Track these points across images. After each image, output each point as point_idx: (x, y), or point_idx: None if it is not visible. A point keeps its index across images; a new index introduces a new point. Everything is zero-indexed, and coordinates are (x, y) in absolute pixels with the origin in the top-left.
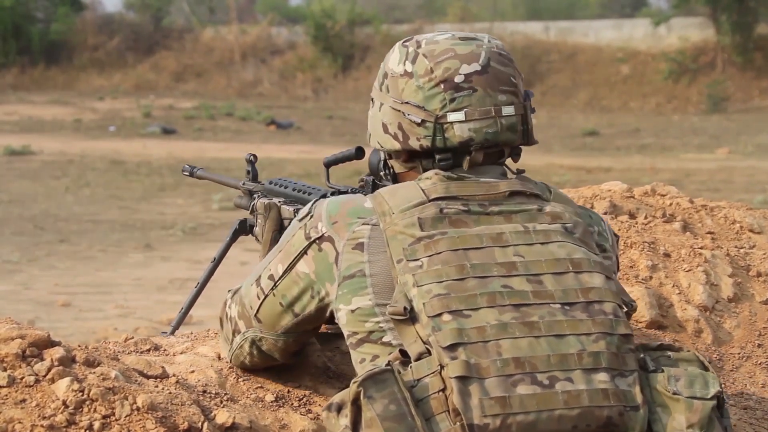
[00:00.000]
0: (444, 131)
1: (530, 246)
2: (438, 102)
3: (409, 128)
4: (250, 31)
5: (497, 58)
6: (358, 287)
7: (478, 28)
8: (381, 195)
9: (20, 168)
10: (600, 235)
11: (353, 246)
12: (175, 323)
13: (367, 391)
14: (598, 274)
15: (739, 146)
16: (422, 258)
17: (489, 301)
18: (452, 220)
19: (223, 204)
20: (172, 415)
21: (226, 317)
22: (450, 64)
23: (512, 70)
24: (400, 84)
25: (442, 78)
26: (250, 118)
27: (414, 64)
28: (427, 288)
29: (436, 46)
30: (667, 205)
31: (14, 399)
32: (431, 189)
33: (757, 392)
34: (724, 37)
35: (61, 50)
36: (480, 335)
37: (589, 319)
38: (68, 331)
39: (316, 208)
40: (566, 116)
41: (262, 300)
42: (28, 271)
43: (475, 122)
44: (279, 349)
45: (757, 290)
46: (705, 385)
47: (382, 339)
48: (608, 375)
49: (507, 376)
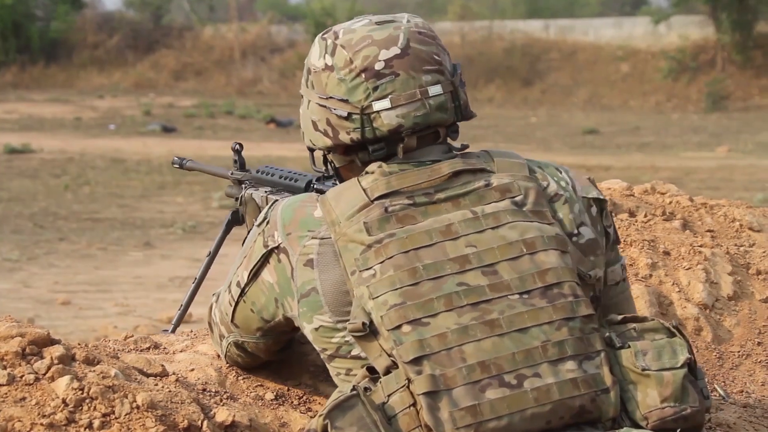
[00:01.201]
0: (372, 121)
1: (481, 233)
2: (361, 92)
3: (337, 123)
4: (249, 29)
5: (417, 37)
6: (315, 306)
7: (478, 27)
8: (328, 201)
9: (20, 166)
10: (559, 185)
11: (304, 263)
12: (175, 321)
13: (334, 422)
14: (554, 251)
15: (738, 144)
16: (374, 266)
17: (446, 303)
18: (399, 217)
19: (223, 202)
20: (172, 414)
21: (213, 321)
22: (368, 51)
23: (435, 47)
24: (322, 78)
25: (362, 67)
26: (250, 117)
27: (333, 57)
28: (382, 299)
29: (353, 35)
30: (666, 204)
31: (14, 397)
32: (373, 187)
33: (756, 390)
34: (723, 35)
35: (61, 48)
36: (442, 343)
37: (549, 306)
38: (68, 330)
39: (271, 214)
40: (566, 114)
41: (234, 307)
42: (28, 269)
43: (401, 107)
44: (261, 350)
45: (756, 288)
46: (673, 354)
47: (351, 353)
48: (575, 362)
49: (474, 382)
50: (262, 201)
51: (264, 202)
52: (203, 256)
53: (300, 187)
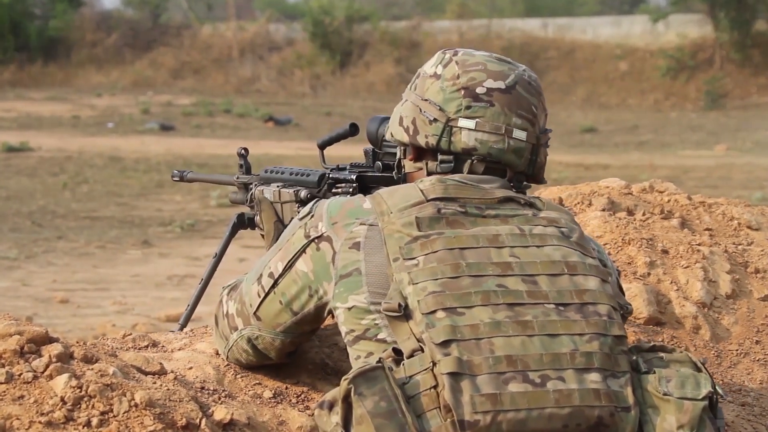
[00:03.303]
0: (451, 134)
1: (526, 248)
2: (454, 106)
3: (421, 124)
4: (248, 27)
5: (525, 85)
6: (354, 286)
7: (476, 25)
8: (380, 195)
9: (18, 165)
10: (600, 253)
11: (350, 245)
12: (182, 320)
13: (358, 388)
14: (593, 277)
15: (737, 143)
16: (418, 256)
17: (483, 299)
18: (449, 220)
19: (221, 200)
20: (170, 412)
21: (222, 314)
22: (477, 75)
23: (536, 100)
24: (426, 83)
25: (464, 85)
26: (248, 115)
27: (444, 68)
28: (422, 285)
29: (470, 57)
30: (665, 202)
31: (12, 395)
32: (430, 189)
33: (755, 389)
34: (722, 33)
35: (59, 47)
36: (473, 333)
37: (582, 320)
38: (66, 328)
39: (317, 208)
40: (564, 113)
41: (262, 298)
42: (27, 268)
43: (483, 134)
44: (275, 348)
45: (755, 287)
46: (696, 386)
47: (377, 336)
48: (600, 375)
49: (499, 373)
50: (274, 195)
51: (277, 195)
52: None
53: (313, 181)
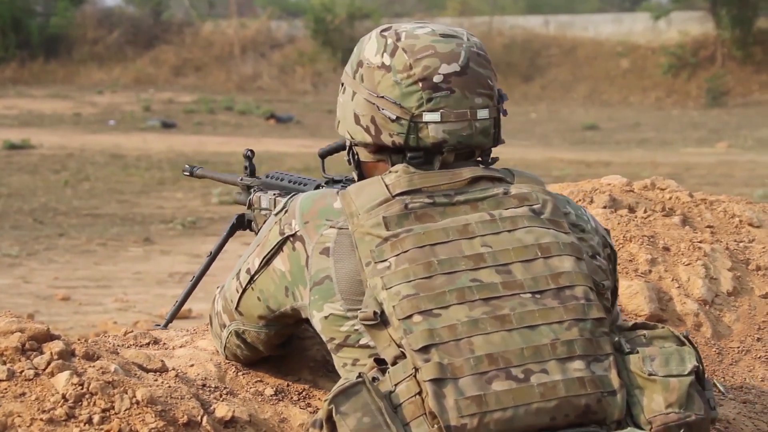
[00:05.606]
0: (418, 130)
1: (497, 235)
2: (415, 100)
3: (383, 123)
4: (249, 25)
5: (476, 59)
6: (327, 294)
7: (478, 23)
8: (349, 194)
9: (20, 162)
10: (578, 217)
11: (320, 251)
12: (169, 316)
13: (339, 407)
14: (568, 257)
15: (738, 140)
16: (389, 258)
17: (458, 297)
18: (418, 215)
19: (223, 198)
20: (172, 409)
21: (214, 313)
22: (430, 62)
23: (489, 71)
24: (376, 76)
25: (420, 76)
26: (250, 112)
27: (393, 58)
28: (395, 290)
29: (416, 41)
30: (666, 199)
31: (14, 392)
32: (395, 184)
33: (756, 386)
34: (723, 31)
35: (60, 44)
36: (451, 334)
37: (560, 306)
38: (68, 325)
39: (290, 204)
40: (566, 110)
41: (240, 294)
42: (28, 265)
43: (450, 124)
44: (262, 341)
45: (756, 284)
46: (681, 362)
47: (360, 342)
48: (583, 362)
49: (481, 373)
50: (270, 203)
51: (272, 204)
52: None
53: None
